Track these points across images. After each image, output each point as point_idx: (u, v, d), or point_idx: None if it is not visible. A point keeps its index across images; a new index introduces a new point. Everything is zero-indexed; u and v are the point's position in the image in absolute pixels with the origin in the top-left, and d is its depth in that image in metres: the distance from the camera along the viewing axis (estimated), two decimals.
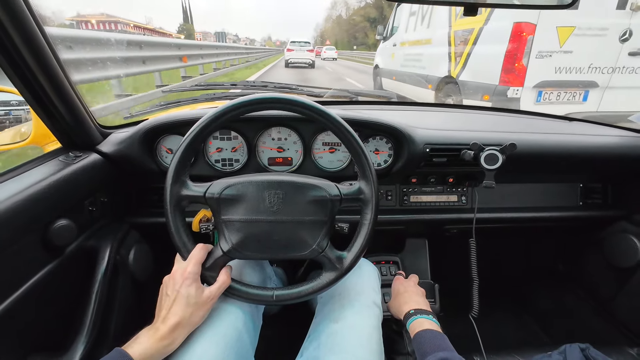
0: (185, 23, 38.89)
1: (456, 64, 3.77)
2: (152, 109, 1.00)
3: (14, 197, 0.56)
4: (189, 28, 41.68)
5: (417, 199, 1.05)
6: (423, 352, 0.60)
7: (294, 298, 0.61)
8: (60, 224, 0.66)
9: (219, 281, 0.59)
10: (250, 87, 1.12)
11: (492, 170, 0.84)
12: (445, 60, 3.99)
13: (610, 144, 1.03)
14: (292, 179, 0.61)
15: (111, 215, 0.87)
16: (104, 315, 0.73)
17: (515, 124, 1.15)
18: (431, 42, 4.47)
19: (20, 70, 0.59)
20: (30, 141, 0.81)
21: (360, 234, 0.63)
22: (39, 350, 0.63)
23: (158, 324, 0.54)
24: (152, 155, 0.88)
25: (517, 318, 1.42)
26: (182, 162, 0.59)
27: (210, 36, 29.24)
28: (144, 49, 5.11)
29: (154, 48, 5.52)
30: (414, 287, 0.86)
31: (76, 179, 0.71)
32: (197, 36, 25.39)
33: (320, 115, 0.62)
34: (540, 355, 0.78)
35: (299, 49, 17.20)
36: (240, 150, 0.90)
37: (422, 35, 4.75)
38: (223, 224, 0.60)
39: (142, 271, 0.89)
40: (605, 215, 1.15)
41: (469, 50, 3.52)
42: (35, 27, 0.57)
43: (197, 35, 25.90)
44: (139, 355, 0.49)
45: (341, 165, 0.94)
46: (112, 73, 4.13)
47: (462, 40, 3.66)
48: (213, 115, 0.60)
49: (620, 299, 1.12)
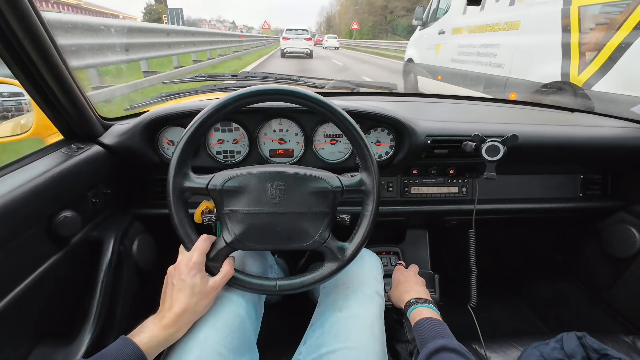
0: (158, 3, 31.63)
1: (584, 62, 2.26)
2: (152, 100, 1.00)
3: (18, 189, 0.57)
4: (159, 9, 31.32)
5: (417, 191, 1.05)
6: (423, 339, 0.61)
7: (296, 288, 0.62)
8: (65, 216, 0.66)
9: (222, 271, 0.59)
10: (251, 78, 1.12)
11: (494, 162, 0.84)
12: (552, 54, 2.51)
13: (611, 135, 1.03)
14: (294, 170, 0.62)
15: (114, 207, 0.88)
16: (110, 304, 0.75)
17: (516, 115, 1.15)
18: (518, 26, 2.97)
19: (21, 61, 0.59)
20: (32, 133, 0.81)
21: (361, 224, 0.64)
22: (47, 338, 0.64)
23: (164, 313, 0.55)
24: (153, 147, 0.88)
25: (515, 307, 1.44)
26: (184, 154, 0.59)
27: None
28: (130, 35, 4.91)
29: (139, 34, 5.26)
30: (414, 276, 0.87)
31: (79, 171, 0.71)
32: (165, 19, 18.08)
33: (321, 107, 0.62)
34: (537, 343, 0.79)
35: (296, 37, 16.14)
36: (242, 141, 0.90)
37: (497, 17, 3.28)
38: (226, 216, 0.60)
39: (146, 261, 0.90)
40: (605, 206, 1.15)
41: (624, 40, 1.99)
42: (35, 16, 0.56)
43: (164, 18, 19.10)
44: (144, 343, 0.51)
45: (342, 156, 0.94)
46: (91, 61, 3.97)
47: (602, 23, 2.18)
48: (215, 107, 0.60)
49: (617, 288, 1.14)
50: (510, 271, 1.55)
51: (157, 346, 0.52)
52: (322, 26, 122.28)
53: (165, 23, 8.01)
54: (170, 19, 9.02)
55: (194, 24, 68.31)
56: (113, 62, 4.57)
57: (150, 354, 0.51)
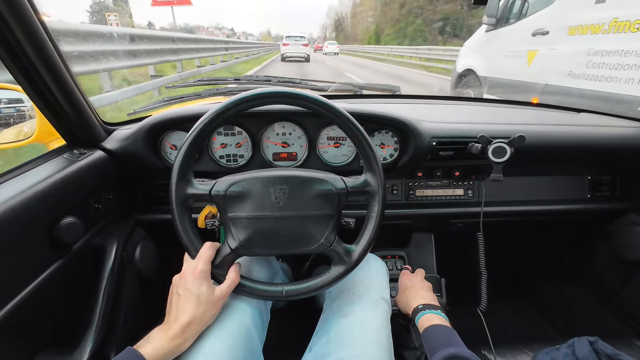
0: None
1: None
2: (155, 104, 0.99)
3: (20, 195, 0.56)
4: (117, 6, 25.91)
5: (422, 193, 1.04)
6: (432, 348, 0.60)
7: (303, 293, 0.61)
8: (67, 222, 0.65)
9: (228, 279, 0.58)
10: (253, 82, 1.11)
11: (500, 163, 0.82)
12: None
13: (619, 135, 1.01)
14: (298, 173, 0.61)
15: (117, 213, 0.87)
16: (112, 312, 0.74)
17: (522, 116, 1.14)
18: None
19: (23, 67, 0.59)
20: (34, 139, 0.80)
21: (367, 226, 0.63)
22: (49, 347, 0.63)
23: (170, 324, 0.54)
24: (156, 152, 0.87)
25: (524, 312, 1.41)
26: (186, 159, 0.58)
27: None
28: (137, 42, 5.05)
29: (145, 41, 5.44)
30: (421, 281, 0.85)
31: (81, 176, 0.71)
32: (110, 20, 8.53)
33: (325, 109, 0.61)
34: (548, 349, 0.77)
35: (294, 43, 17.65)
36: (245, 145, 0.90)
37: None
38: (230, 222, 0.59)
39: (149, 268, 0.89)
40: (614, 208, 1.13)
41: None
42: (38, 22, 0.56)
43: (108, 18, 15.08)
44: (151, 355, 0.50)
45: (346, 159, 0.93)
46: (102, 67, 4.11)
47: None
48: (217, 110, 0.59)
49: (628, 291, 1.11)
50: (517, 274, 1.53)
51: (163, 358, 0.51)
52: (329, 30, 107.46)
53: (111, 24, 7.81)
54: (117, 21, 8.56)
55: (192, 31, 68.04)
56: (123, 67, 4.75)
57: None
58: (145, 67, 5.73)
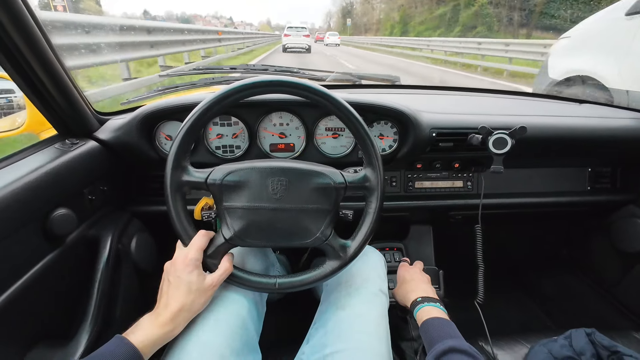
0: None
1: None
2: (149, 94, 0.97)
3: (11, 186, 0.55)
4: None
5: (421, 185, 1.03)
6: (431, 340, 0.60)
7: (296, 286, 0.61)
8: (60, 213, 0.64)
9: (220, 268, 0.58)
10: (250, 71, 1.09)
11: (501, 155, 0.81)
12: None
13: (620, 127, 1.00)
14: (297, 165, 0.60)
15: (112, 204, 0.86)
16: (108, 304, 0.73)
17: (524, 107, 1.12)
18: None
19: (10, 55, 0.57)
20: (25, 129, 0.79)
21: (364, 222, 0.62)
22: (43, 340, 0.63)
23: (159, 310, 0.54)
24: (150, 142, 0.85)
25: (521, 303, 1.42)
26: (182, 146, 0.57)
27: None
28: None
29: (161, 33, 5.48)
30: (420, 274, 0.85)
31: (74, 167, 0.69)
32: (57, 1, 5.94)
33: (324, 99, 0.60)
34: (546, 340, 0.78)
35: (296, 34, 17.59)
36: (241, 136, 0.88)
37: None
38: (225, 211, 0.58)
39: (144, 260, 0.88)
40: (614, 200, 1.13)
41: None
42: (25, 10, 0.54)
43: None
44: (140, 342, 0.49)
45: (345, 150, 0.92)
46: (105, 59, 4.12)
47: None
48: (215, 98, 0.57)
49: (627, 283, 1.12)
50: (516, 266, 1.53)
51: (153, 345, 0.51)
52: (334, 19, 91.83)
53: (56, 7, 7.28)
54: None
55: (188, 20, 65.91)
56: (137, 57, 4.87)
57: (145, 353, 0.50)
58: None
